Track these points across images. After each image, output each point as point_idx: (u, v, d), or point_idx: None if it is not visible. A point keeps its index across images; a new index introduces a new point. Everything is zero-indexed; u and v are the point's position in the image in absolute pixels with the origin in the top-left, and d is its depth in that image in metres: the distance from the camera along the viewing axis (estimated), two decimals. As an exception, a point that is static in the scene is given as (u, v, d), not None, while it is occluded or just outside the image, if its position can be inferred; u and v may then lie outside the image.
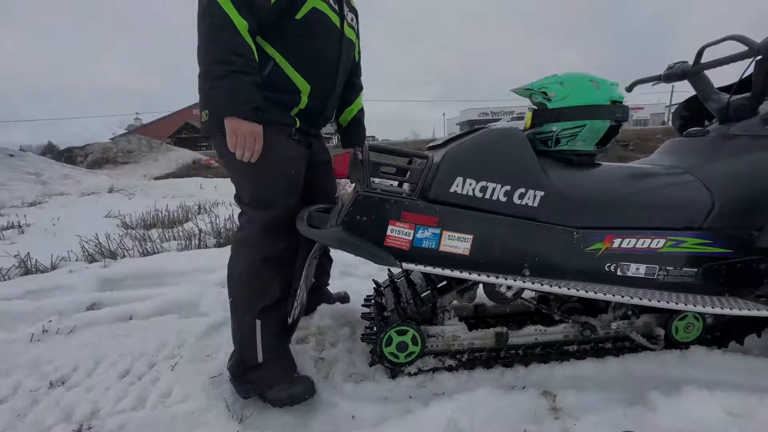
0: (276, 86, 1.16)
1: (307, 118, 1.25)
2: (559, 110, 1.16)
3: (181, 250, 2.70)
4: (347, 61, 1.31)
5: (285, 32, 1.14)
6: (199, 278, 2.10)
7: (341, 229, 1.05)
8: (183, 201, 4.68)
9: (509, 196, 1.09)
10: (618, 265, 1.17)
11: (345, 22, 1.25)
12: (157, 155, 12.18)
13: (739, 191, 1.17)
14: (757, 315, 1.12)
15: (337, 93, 1.33)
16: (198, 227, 3.17)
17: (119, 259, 2.51)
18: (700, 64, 1.39)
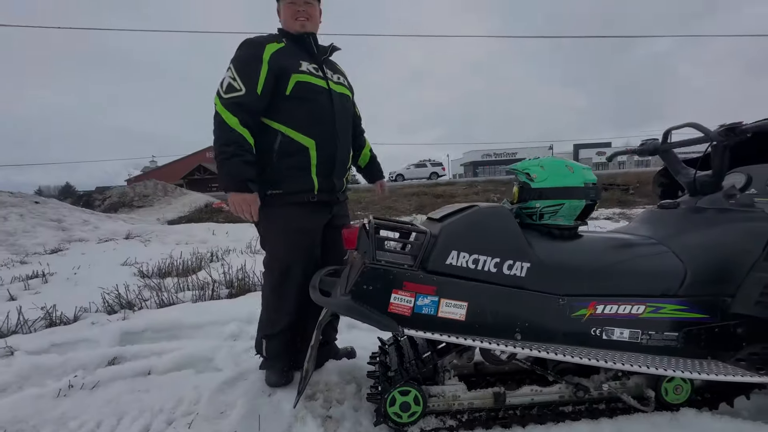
0: (288, 152, 1.43)
1: (324, 172, 1.48)
2: (541, 190, 1.33)
3: (195, 301, 2.83)
4: (343, 111, 1.54)
5: (282, 107, 1.43)
6: (213, 331, 2.21)
7: (350, 298, 1.18)
8: (196, 248, 4.86)
9: (499, 268, 1.23)
10: (603, 329, 1.27)
11: (330, 81, 1.51)
12: (170, 199, 12.63)
13: (709, 261, 1.30)
14: (732, 381, 1.19)
15: (343, 141, 1.54)
16: (211, 276, 3.31)
17: (137, 310, 2.63)
18: (668, 143, 1.57)
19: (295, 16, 1.48)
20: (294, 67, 1.42)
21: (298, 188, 1.45)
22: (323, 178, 1.48)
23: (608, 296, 1.27)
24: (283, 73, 1.40)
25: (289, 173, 1.44)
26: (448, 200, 9.74)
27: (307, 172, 1.45)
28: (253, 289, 3.12)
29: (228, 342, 2.09)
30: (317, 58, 1.51)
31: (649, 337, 1.29)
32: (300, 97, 1.42)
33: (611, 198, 8.49)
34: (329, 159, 1.48)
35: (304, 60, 1.46)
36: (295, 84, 1.41)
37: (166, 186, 13.28)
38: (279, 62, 1.40)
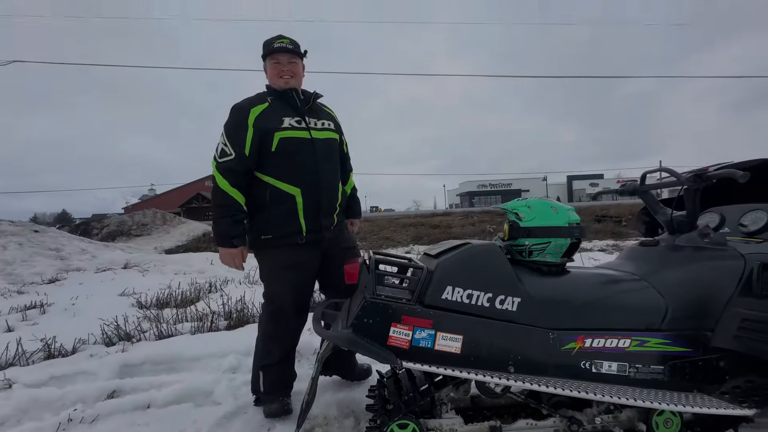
0: (277, 200, 1.60)
1: (312, 214, 1.63)
2: (529, 229, 1.44)
3: (194, 333, 2.84)
4: (326, 155, 1.69)
5: (269, 163, 1.60)
6: (212, 364, 2.22)
7: (351, 331, 1.25)
8: (194, 278, 4.88)
9: (492, 302, 1.31)
10: (592, 362, 1.33)
11: (313, 130, 1.66)
12: (169, 228, 12.67)
13: (688, 297, 1.38)
14: (716, 414, 1.24)
15: (327, 183, 1.68)
16: (209, 308, 3.33)
17: (136, 342, 2.64)
18: (645, 185, 1.70)
19: (279, 74, 1.65)
20: (276, 125, 1.58)
21: (287, 232, 1.61)
22: (310, 220, 1.63)
23: (596, 330, 1.34)
24: (267, 133, 1.57)
25: (278, 220, 1.61)
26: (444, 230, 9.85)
27: (295, 217, 1.61)
28: (252, 320, 3.13)
29: (227, 375, 2.10)
30: (300, 110, 1.65)
31: (637, 371, 1.34)
32: (284, 151, 1.59)
33: (604, 230, 8.64)
34: (315, 203, 1.63)
35: (287, 116, 1.62)
36: (278, 141, 1.58)
37: (164, 215, 13.36)
38: (263, 124, 1.57)
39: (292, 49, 1.66)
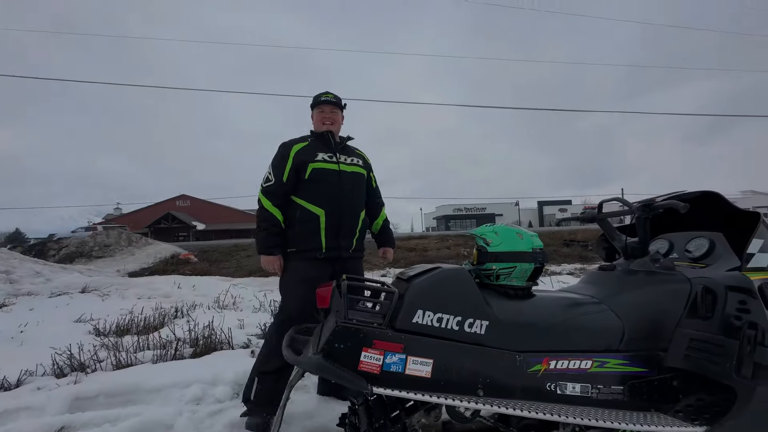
0: (304, 219, 1.90)
1: (332, 234, 1.90)
2: (496, 254, 1.50)
3: (156, 362, 2.68)
4: (352, 186, 1.99)
5: (302, 187, 1.93)
6: (174, 395, 2.10)
7: (321, 357, 1.24)
8: (159, 302, 4.64)
9: (461, 325, 1.34)
10: (557, 384, 1.38)
11: (342, 164, 1.98)
12: (134, 249, 12.08)
13: (641, 318, 1.47)
14: (669, 431, 1.30)
15: (349, 211, 1.96)
16: (174, 334, 3.17)
17: (90, 372, 2.46)
18: (602, 213, 1.82)
19: (322, 121, 2.04)
20: (311, 158, 1.92)
21: (310, 246, 1.88)
22: (330, 239, 1.89)
23: (560, 352, 1.39)
24: (302, 164, 1.91)
25: (303, 236, 1.89)
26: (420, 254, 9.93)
27: (317, 234, 1.88)
28: (220, 347, 3.00)
29: (189, 406, 2.00)
30: (333, 149, 2.00)
31: (599, 391, 1.40)
32: (315, 179, 1.90)
33: (572, 254, 9.01)
34: (336, 224, 1.90)
35: (322, 151, 1.96)
36: (311, 170, 1.90)
37: (130, 235, 12.77)
38: (300, 157, 1.92)
39: (335, 103, 2.06)
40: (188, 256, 11.27)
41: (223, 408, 2.03)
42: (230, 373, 2.32)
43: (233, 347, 2.99)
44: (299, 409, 2.01)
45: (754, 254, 1.45)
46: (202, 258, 11.71)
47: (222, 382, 2.22)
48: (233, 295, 4.94)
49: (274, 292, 5.56)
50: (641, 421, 1.32)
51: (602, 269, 1.74)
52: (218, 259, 11.71)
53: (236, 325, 3.54)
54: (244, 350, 2.92)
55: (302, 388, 2.34)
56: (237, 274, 9.07)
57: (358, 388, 1.23)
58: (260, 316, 3.85)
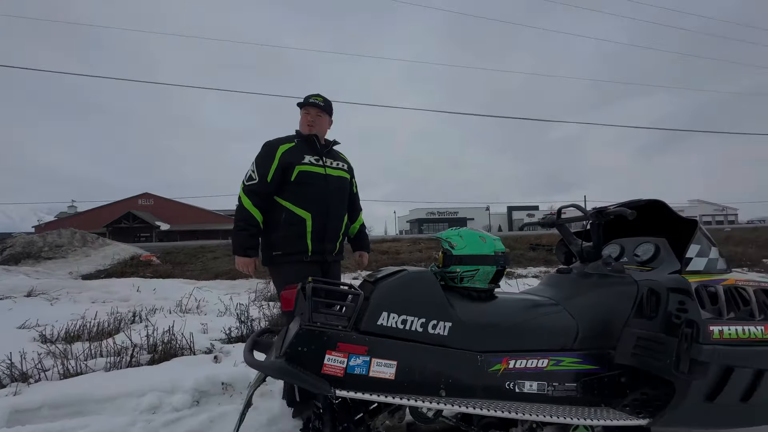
0: (290, 222, 1.87)
1: (318, 238, 1.89)
2: (460, 257, 1.54)
3: (108, 370, 2.53)
4: (337, 190, 1.99)
5: (287, 189, 1.90)
6: (127, 404, 1.99)
7: (284, 361, 1.22)
8: (115, 307, 4.38)
9: (425, 327, 1.37)
10: (515, 383, 1.43)
11: (328, 168, 1.97)
12: (89, 250, 11.33)
13: (594, 319, 1.56)
14: (617, 424, 1.39)
15: (334, 214, 1.95)
16: (131, 340, 3.00)
17: (33, 382, 2.28)
18: (561, 218, 1.92)
19: (307, 122, 2.01)
20: (298, 160, 1.89)
21: (296, 250, 1.87)
22: (316, 243, 1.89)
23: (518, 352, 1.45)
24: (289, 165, 1.87)
25: (289, 239, 1.87)
26: (392, 257, 9.97)
27: (303, 238, 1.87)
28: (181, 353, 2.87)
29: (144, 416, 1.90)
30: (320, 152, 1.99)
31: (554, 389, 1.46)
32: (301, 182, 1.88)
33: (538, 258, 9.36)
34: (322, 228, 1.90)
35: (308, 154, 1.94)
36: (298, 173, 1.88)
37: (85, 235, 11.96)
38: (287, 158, 1.89)
39: (322, 106, 2.03)
40: (150, 258, 10.70)
41: (181, 417, 1.94)
42: (190, 380, 2.22)
43: (195, 353, 2.87)
44: (263, 415, 1.96)
45: (692, 258, 1.57)
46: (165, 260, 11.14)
47: (181, 389, 2.13)
48: (197, 299, 4.75)
49: (241, 296, 5.41)
50: (592, 416, 1.40)
51: (560, 272, 1.83)
52: (182, 261, 11.19)
53: (199, 330, 3.40)
54: (207, 356, 2.81)
55: (267, 394, 2.28)
56: (202, 276, 8.71)
57: (322, 392, 1.22)
58: (225, 320, 3.72)
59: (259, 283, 6.23)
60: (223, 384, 2.29)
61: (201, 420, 1.90)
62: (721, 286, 1.49)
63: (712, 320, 1.39)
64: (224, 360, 2.71)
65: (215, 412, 1.97)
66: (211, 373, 2.35)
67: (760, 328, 1.43)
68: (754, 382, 1.39)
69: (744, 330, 1.41)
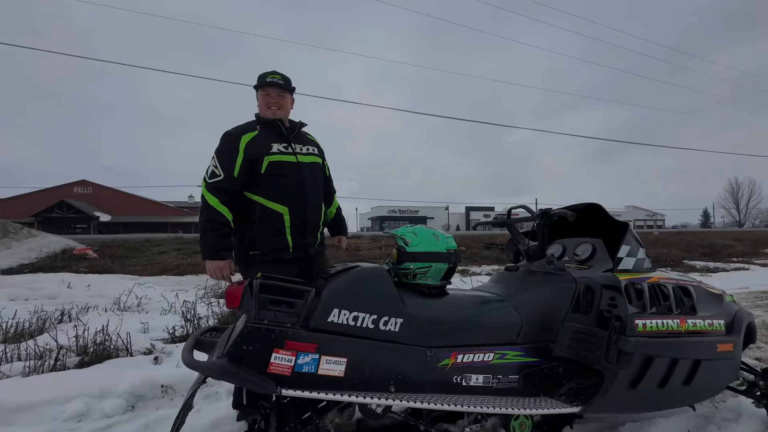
0: (266, 218, 1.70)
1: (298, 232, 1.74)
2: (413, 254, 1.56)
3: (27, 375, 2.27)
4: (311, 177, 1.82)
5: (258, 183, 1.72)
6: (48, 412, 1.80)
7: (226, 360, 1.15)
8: (40, 305, 3.94)
9: (376, 324, 1.36)
10: (463, 376, 1.47)
11: (299, 155, 1.80)
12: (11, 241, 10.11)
13: (537, 314, 1.64)
14: (552, 413, 1.48)
15: (312, 203, 1.80)
16: (57, 341, 2.72)
17: (-70, 392, 1.98)
18: (510, 218, 2.00)
19: (268, 105, 1.79)
20: (266, 150, 1.71)
21: (275, 248, 1.71)
22: (297, 237, 1.74)
23: (466, 346, 1.49)
24: (257, 157, 1.70)
25: (267, 236, 1.70)
26: (352, 254, 9.93)
27: (282, 234, 1.71)
28: (115, 354, 2.65)
29: (68, 424, 1.73)
30: (287, 138, 1.79)
31: (498, 381, 1.53)
32: (273, 174, 1.71)
33: (492, 256, 9.79)
34: (301, 221, 1.75)
35: (275, 142, 1.75)
36: (267, 164, 1.70)
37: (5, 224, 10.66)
38: (253, 150, 1.70)
39: (282, 85, 1.80)
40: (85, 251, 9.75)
41: (112, 424, 1.79)
42: (125, 384, 2.06)
43: (132, 354, 2.66)
44: (206, 418, 1.86)
45: (623, 258, 1.71)
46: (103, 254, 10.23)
47: (113, 394, 1.96)
48: (138, 296, 4.41)
49: (189, 292, 5.10)
50: (531, 406, 1.48)
51: (508, 270, 1.92)
52: (124, 255, 10.34)
53: (139, 329, 3.16)
54: (146, 357, 2.61)
55: (212, 396, 2.17)
56: (146, 272, 8.11)
57: (267, 392, 1.18)
58: (169, 318, 3.48)
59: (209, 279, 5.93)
60: (163, 387, 2.15)
61: (135, 426, 1.76)
62: (646, 284, 1.64)
63: (638, 314, 1.53)
64: (166, 361, 2.54)
65: (152, 417, 1.84)
66: (150, 376, 2.20)
67: (677, 321, 1.60)
68: (670, 370, 1.54)
69: (663, 323, 1.56)
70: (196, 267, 8.11)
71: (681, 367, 1.55)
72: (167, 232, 21.45)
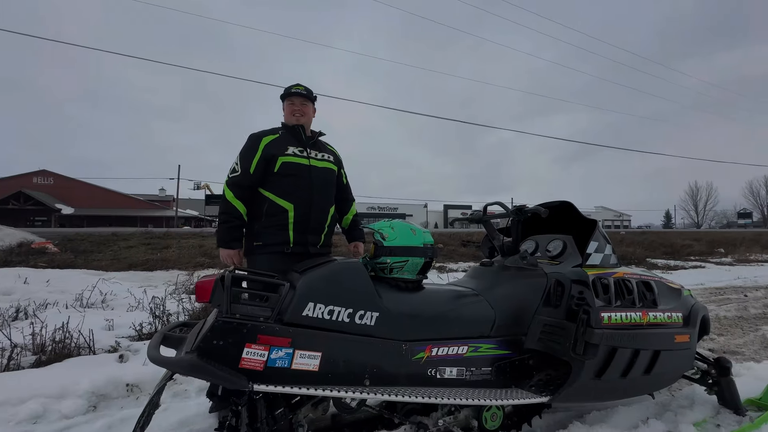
0: (272, 212, 1.85)
1: (300, 229, 1.86)
2: (391, 248, 1.56)
3: (-24, 375, 2.11)
4: (321, 181, 1.95)
5: (270, 180, 1.87)
6: (0, 415, 1.68)
7: (195, 356, 1.12)
8: (-8, 301, 3.68)
9: (352, 318, 1.35)
10: (437, 369, 1.49)
11: (312, 159, 1.95)
12: (-40, 234, 9.38)
13: (510, 308, 1.68)
14: (523, 403, 1.52)
15: (318, 206, 1.92)
16: (10, 340, 2.55)
17: None
18: (486, 215, 2.04)
19: (292, 113, 1.99)
20: (281, 151, 1.87)
21: (277, 241, 1.83)
22: (299, 233, 1.85)
23: (441, 340, 1.51)
24: (272, 157, 1.85)
25: (271, 229, 1.84)
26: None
27: (285, 229, 1.84)
28: (77, 353, 2.51)
29: (23, 427, 1.63)
30: (304, 143, 1.96)
31: (472, 373, 1.56)
32: (284, 173, 1.86)
33: (468, 253, 9.97)
34: (305, 219, 1.87)
35: (292, 145, 1.91)
36: (281, 164, 1.86)
37: (-45, 216, 9.86)
38: (270, 150, 1.86)
39: (305, 95, 2.00)
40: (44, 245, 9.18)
41: (72, 425, 1.70)
42: (86, 383, 1.96)
43: (95, 352, 2.53)
44: (174, 416, 1.80)
45: (591, 254, 1.78)
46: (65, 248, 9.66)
47: (72, 394, 1.86)
48: (102, 292, 4.20)
49: (159, 288, 4.91)
50: (503, 397, 1.51)
51: (483, 265, 1.95)
52: (88, 250, 9.80)
53: (103, 326, 3.01)
54: (111, 355, 2.49)
55: (181, 394, 2.10)
56: (113, 267, 7.73)
57: (238, 387, 1.15)
58: (136, 315, 3.34)
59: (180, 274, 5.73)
60: (129, 385, 2.06)
61: (97, 427, 1.68)
62: (612, 278, 1.71)
63: (603, 308, 1.59)
64: (132, 359, 2.44)
65: (115, 417, 1.76)
66: (114, 374, 2.10)
67: (639, 314, 1.68)
68: (632, 360, 1.62)
69: (627, 315, 1.64)
70: (167, 262, 7.81)
71: (642, 357, 1.63)
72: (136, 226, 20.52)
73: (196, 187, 38.82)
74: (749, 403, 1.98)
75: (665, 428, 1.73)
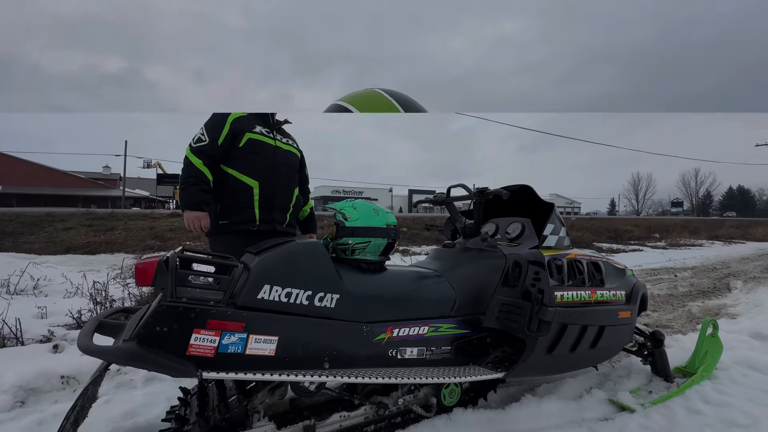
0: (236, 189, 1.82)
1: (266, 206, 1.84)
2: (353, 228, 1.51)
3: None
4: (285, 163, 1.95)
5: (234, 156, 1.84)
6: None
7: (135, 344, 1.02)
8: None
9: (311, 300, 1.30)
10: (398, 350, 1.49)
11: (278, 141, 1.94)
12: None
13: (469, 288, 1.71)
14: (479, 379, 1.57)
15: (283, 185, 1.92)
16: None
17: None
18: (449, 197, 2.04)
19: None
20: (249, 128, 1.85)
21: (242, 219, 1.80)
22: (264, 211, 1.84)
23: (402, 320, 1.50)
24: (239, 131, 1.83)
25: (236, 207, 1.80)
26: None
27: (250, 206, 1.81)
28: (8, 343, 2.26)
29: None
30: (271, 126, 1.97)
31: (432, 353, 1.57)
32: (249, 150, 1.83)
33: (432, 237, 10.16)
34: (269, 197, 1.86)
35: (259, 125, 1.90)
36: (247, 140, 1.83)
37: None
38: (238, 125, 1.84)
39: None
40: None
41: (-6, 423, 1.52)
42: (12, 376, 1.76)
43: (23, 342, 2.29)
44: (117, 409, 1.67)
45: (547, 236, 1.84)
46: (-11, 229, 8.65)
47: (-5, 389, 1.67)
48: (34, 277, 3.80)
49: (101, 273, 4.53)
50: (460, 374, 1.55)
51: (445, 246, 1.96)
52: (18, 231, 8.83)
53: (34, 315, 2.73)
54: (43, 345, 2.27)
55: (126, 384, 1.96)
56: (48, 250, 7.03)
57: (184, 376, 1.07)
58: (74, 301, 3.06)
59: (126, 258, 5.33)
60: (64, 378, 1.89)
61: (25, 424, 1.52)
62: (566, 260, 1.79)
63: (557, 287, 1.66)
64: (68, 349, 2.23)
65: (47, 413, 1.60)
66: (47, 366, 1.92)
67: (588, 292, 1.77)
68: (580, 335, 1.72)
69: (577, 294, 1.72)
70: (112, 245, 7.24)
71: (589, 332, 1.74)
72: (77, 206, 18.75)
73: (146, 165, 36.11)
74: (677, 371, 2.19)
75: (606, 396, 1.87)
